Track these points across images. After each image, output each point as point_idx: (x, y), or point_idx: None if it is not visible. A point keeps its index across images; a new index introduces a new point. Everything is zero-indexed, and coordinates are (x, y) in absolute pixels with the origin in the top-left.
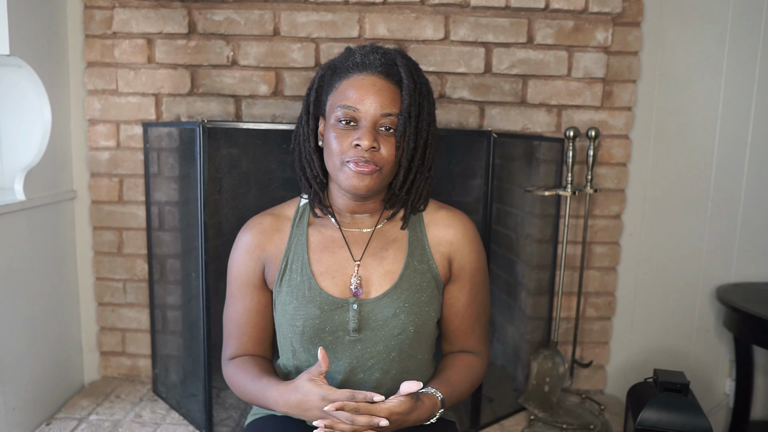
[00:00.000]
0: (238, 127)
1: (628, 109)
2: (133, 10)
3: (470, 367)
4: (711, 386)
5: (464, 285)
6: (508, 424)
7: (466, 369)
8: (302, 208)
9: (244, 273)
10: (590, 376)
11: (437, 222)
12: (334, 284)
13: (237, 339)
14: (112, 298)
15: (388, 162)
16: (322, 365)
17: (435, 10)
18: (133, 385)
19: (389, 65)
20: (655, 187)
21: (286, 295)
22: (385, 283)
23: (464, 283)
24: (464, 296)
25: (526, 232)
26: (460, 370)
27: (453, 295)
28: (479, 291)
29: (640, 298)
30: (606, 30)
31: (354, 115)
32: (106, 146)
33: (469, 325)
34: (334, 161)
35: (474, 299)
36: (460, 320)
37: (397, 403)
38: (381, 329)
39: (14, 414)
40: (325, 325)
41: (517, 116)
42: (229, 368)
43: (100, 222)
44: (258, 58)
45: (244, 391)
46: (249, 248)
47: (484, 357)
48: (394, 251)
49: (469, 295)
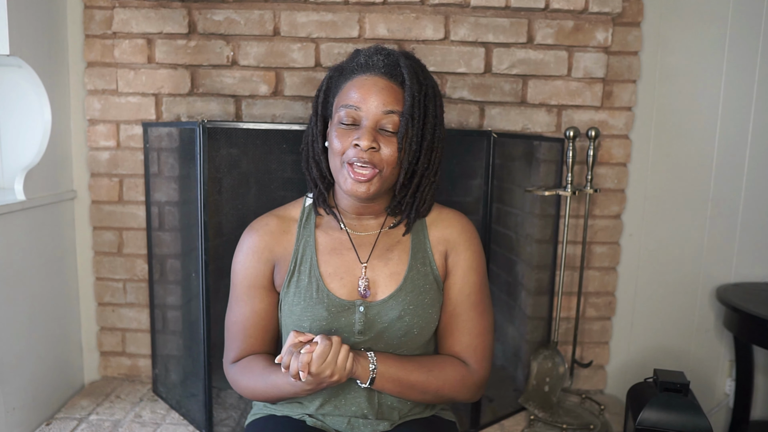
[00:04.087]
0: (238, 127)
1: (628, 109)
2: (133, 10)
3: (439, 361)
4: (711, 386)
5: (455, 281)
6: (508, 424)
7: (429, 359)
8: (308, 209)
9: (252, 275)
10: (590, 376)
11: (438, 223)
12: (342, 286)
13: (243, 342)
14: (112, 298)
15: (389, 164)
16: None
17: (435, 10)
18: (133, 385)
19: (392, 66)
20: (655, 187)
21: (294, 296)
22: (391, 284)
23: (455, 279)
24: (454, 293)
25: (526, 232)
26: (422, 356)
27: (444, 291)
28: (472, 292)
29: (640, 298)
30: (606, 30)
31: (356, 115)
32: (106, 146)
33: (455, 325)
34: (335, 161)
35: (466, 298)
36: (447, 318)
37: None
38: (386, 331)
39: (14, 414)
40: (331, 327)
41: (517, 116)
42: (235, 370)
43: (100, 222)
44: (258, 58)
45: (255, 388)
46: (257, 249)
47: (473, 370)
48: (399, 252)
49: (459, 293)
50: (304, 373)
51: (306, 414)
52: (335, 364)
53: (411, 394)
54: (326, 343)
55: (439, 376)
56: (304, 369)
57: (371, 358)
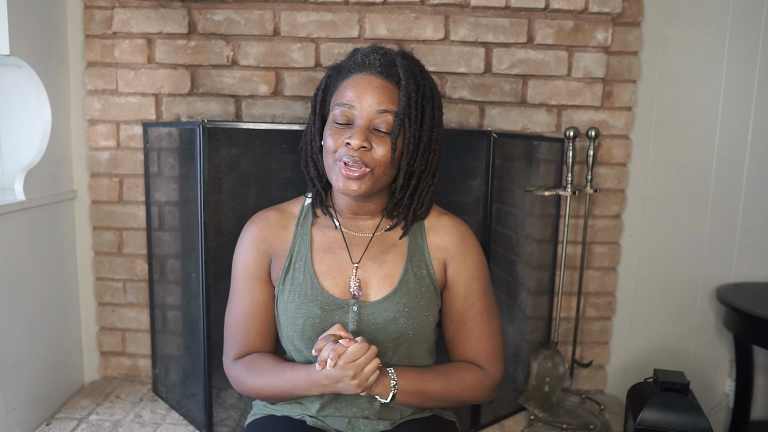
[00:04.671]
0: (238, 127)
1: (628, 109)
2: (133, 10)
3: (455, 369)
4: (711, 386)
5: (458, 292)
6: (508, 424)
7: (445, 368)
8: (307, 207)
9: (251, 266)
10: (590, 376)
11: (437, 229)
12: (335, 284)
13: (243, 336)
14: (112, 298)
15: (381, 164)
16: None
17: (435, 10)
18: (133, 385)
19: (389, 65)
20: (655, 187)
21: (289, 293)
22: (385, 286)
23: (459, 290)
24: (459, 303)
25: (526, 232)
26: (439, 366)
27: (448, 301)
28: (477, 299)
29: (640, 298)
30: (606, 30)
31: (350, 114)
32: (106, 146)
33: (464, 333)
34: (328, 160)
35: (471, 307)
36: (455, 327)
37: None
38: (380, 332)
39: (14, 414)
40: (325, 325)
41: (517, 116)
42: (238, 367)
43: (100, 222)
44: (258, 58)
45: (263, 385)
46: (255, 241)
47: (489, 372)
48: (394, 255)
49: (464, 302)
50: (333, 362)
51: (306, 414)
52: (362, 370)
53: (431, 404)
54: (364, 346)
55: (457, 384)
56: (334, 359)
57: (392, 374)
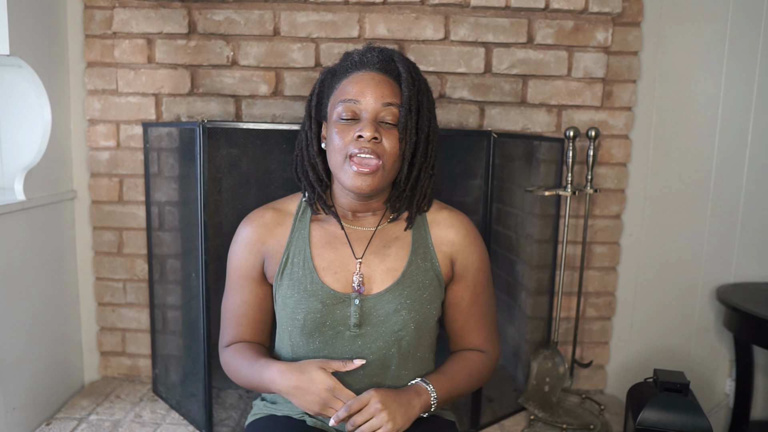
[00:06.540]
0: (238, 127)
1: (628, 109)
2: (133, 10)
3: (472, 362)
4: (711, 386)
5: (468, 285)
6: (508, 424)
7: (465, 363)
8: (305, 203)
9: (243, 266)
10: (590, 376)
11: (440, 222)
12: (336, 280)
13: (234, 329)
14: (112, 298)
15: (391, 155)
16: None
17: (435, 10)
18: (133, 385)
19: (387, 61)
20: (655, 187)
21: (288, 288)
22: (387, 279)
23: (468, 283)
24: (468, 295)
25: (526, 232)
26: (459, 363)
27: (457, 294)
28: (483, 290)
29: (640, 298)
30: (606, 30)
31: (355, 109)
32: (106, 146)
33: (473, 323)
34: (337, 158)
35: (478, 298)
36: (464, 319)
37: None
38: (382, 325)
39: (14, 414)
40: (326, 320)
41: (517, 116)
42: (226, 354)
43: (100, 222)
44: (258, 58)
45: (240, 374)
46: (249, 242)
47: (491, 355)
48: (397, 249)
49: (473, 295)
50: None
51: (306, 414)
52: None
53: (455, 400)
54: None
55: (477, 377)
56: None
57: (431, 391)
